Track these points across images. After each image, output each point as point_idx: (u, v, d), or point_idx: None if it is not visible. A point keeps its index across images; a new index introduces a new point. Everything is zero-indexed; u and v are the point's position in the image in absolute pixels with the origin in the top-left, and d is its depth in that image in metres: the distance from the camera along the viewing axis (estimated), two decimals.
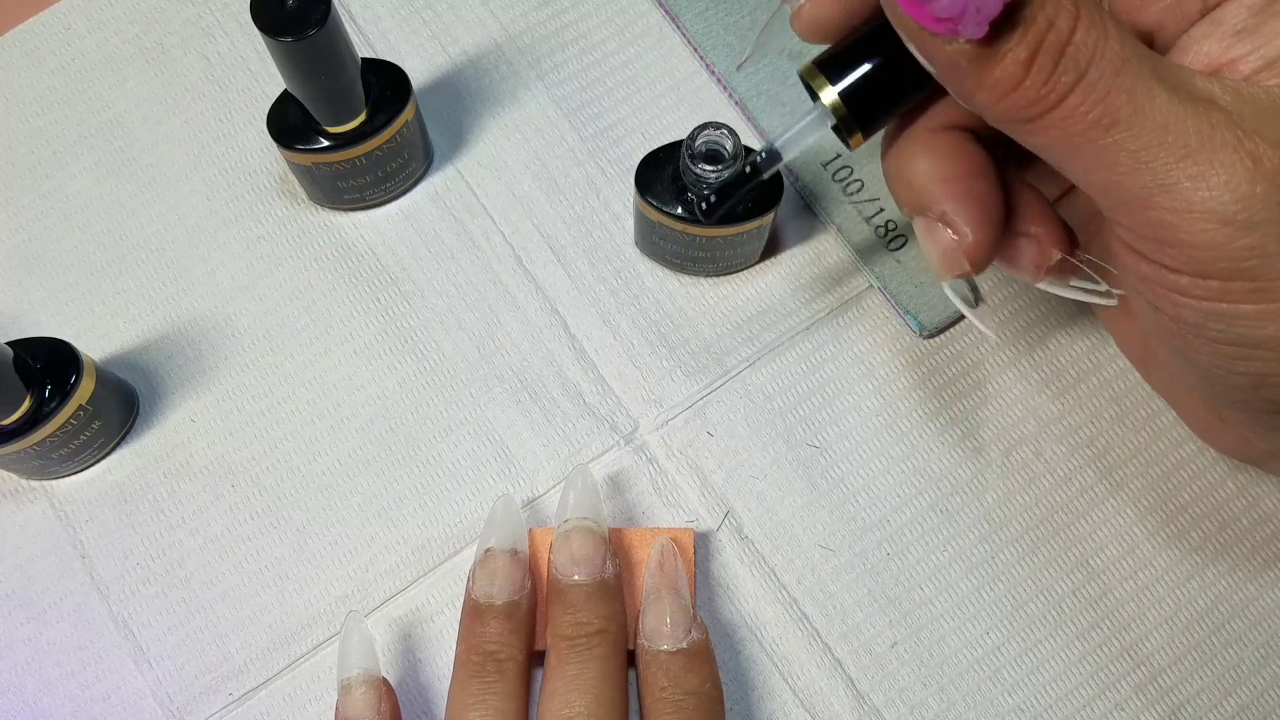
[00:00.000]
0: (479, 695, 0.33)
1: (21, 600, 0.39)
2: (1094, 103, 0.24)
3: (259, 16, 0.33)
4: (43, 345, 0.37)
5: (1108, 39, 0.24)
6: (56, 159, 0.44)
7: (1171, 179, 0.24)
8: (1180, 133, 0.24)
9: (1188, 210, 0.24)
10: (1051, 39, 0.24)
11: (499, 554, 0.35)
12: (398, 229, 0.43)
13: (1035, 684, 0.37)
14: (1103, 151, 0.25)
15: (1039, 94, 0.25)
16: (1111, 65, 0.24)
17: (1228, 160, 0.24)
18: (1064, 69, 0.24)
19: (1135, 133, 0.24)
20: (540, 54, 0.45)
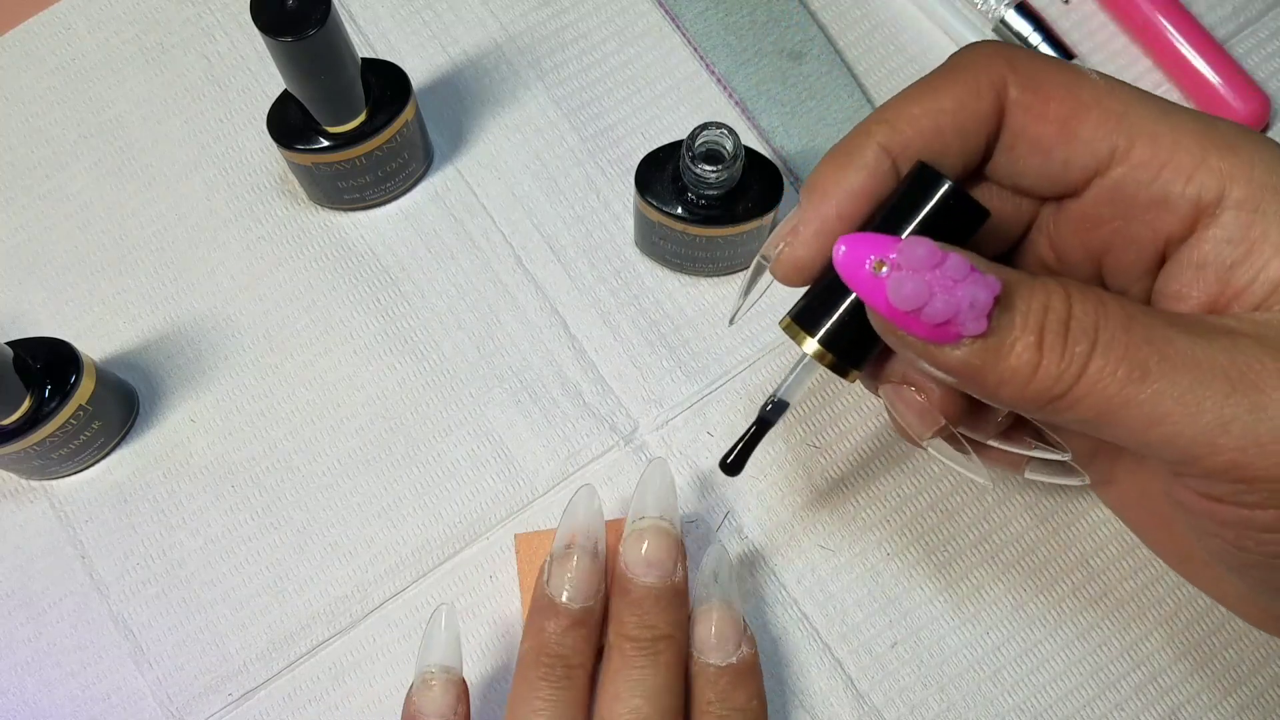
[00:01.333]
0: (548, 701, 0.33)
1: (21, 600, 0.39)
2: (1118, 361, 0.24)
3: (259, 16, 0.33)
4: (43, 345, 0.37)
5: (1105, 304, 0.24)
6: (56, 159, 0.44)
7: (1228, 416, 0.23)
8: (1216, 369, 0.23)
9: (1258, 445, 0.23)
10: (1052, 319, 0.24)
11: (580, 554, 0.34)
12: (398, 229, 0.43)
13: (1035, 684, 0.37)
14: (1146, 406, 0.24)
15: (1060, 371, 0.24)
16: (1120, 324, 0.24)
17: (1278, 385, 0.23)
18: (1075, 339, 0.24)
19: (1172, 379, 0.24)
20: (540, 54, 0.45)
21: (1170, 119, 0.26)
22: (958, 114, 0.27)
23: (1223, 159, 0.25)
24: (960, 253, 0.24)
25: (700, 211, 0.38)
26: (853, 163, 0.27)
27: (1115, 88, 0.27)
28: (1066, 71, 0.27)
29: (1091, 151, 0.26)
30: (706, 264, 0.41)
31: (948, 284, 0.24)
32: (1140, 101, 0.26)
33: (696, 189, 0.37)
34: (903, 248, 0.24)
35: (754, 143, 0.43)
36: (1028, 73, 0.27)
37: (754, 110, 0.43)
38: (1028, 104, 0.27)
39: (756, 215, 0.38)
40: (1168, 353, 0.24)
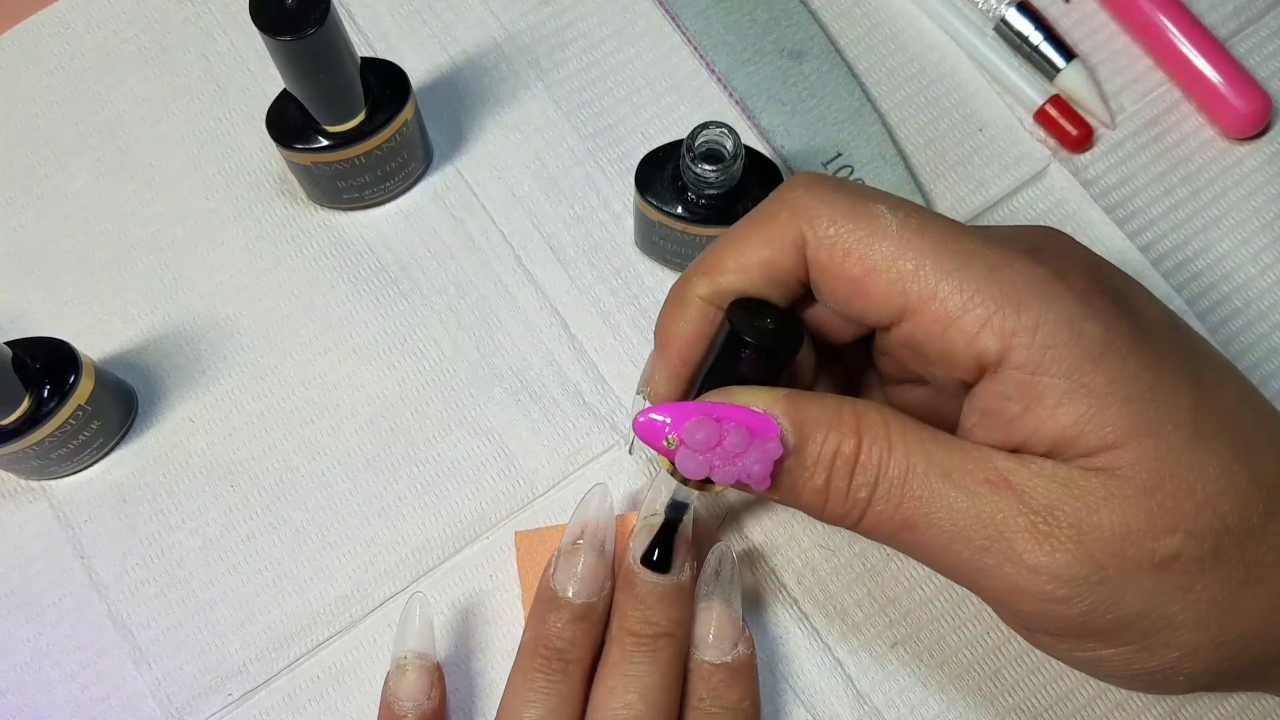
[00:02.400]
0: (541, 693, 0.33)
1: (21, 600, 0.38)
2: (892, 510, 0.27)
3: (258, 16, 0.33)
4: (41, 345, 0.37)
5: (891, 452, 0.27)
6: (55, 159, 0.43)
7: (984, 566, 0.27)
8: (975, 525, 0.26)
9: (1012, 592, 0.27)
10: (840, 464, 0.28)
11: (586, 550, 0.35)
12: (397, 229, 0.43)
13: (1035, 684, 0.37)
14: (916, 549, 0.28)
15: (845, 511, 0.28)
16: (898, 476, 0.27)
17: (1027, 545, 0.26)
18: (858, 486, 0.28)
19: (933, 534, 0.27)
20: (540, 53, 0.45)
21: (962, 275, 0.27)
22: (765, 268, 0.29)
23: (1008, 320, 0.26)
24: (756, 404, 0.28)
25: (700, 211, 0.38)
26: (682, 315, 0.31)
27: (911, 241, 0.27)
28: (864, 228, 0.28)
29: (884, 308, 0.28)
30: None
31: (728, 458, 0.28)
32: (935, 256, 0.27)
33: (696, 188, 0.37)
34: (686, 431, 0.28)
35: (754, 142, 0.43)
36: (824, 234, 0.28)
37: (754, 109, 0.43)
38: (823, 264, 0.28)
39: None
40: (933, 510, 0.27)
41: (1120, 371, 0.26)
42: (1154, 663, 0.27)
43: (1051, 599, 0.26)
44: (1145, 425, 0.26)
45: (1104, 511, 0.26)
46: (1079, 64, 0.43)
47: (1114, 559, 0.26)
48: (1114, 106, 0.44)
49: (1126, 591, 0.26)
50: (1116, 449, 0.26)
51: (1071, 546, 0.26)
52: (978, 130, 0.44)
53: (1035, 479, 0.26)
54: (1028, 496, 0.26)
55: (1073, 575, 0.26)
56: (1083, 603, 0.26)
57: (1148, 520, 0.25)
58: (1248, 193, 0.43)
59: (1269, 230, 0.42)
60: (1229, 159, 0.43)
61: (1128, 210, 0.43)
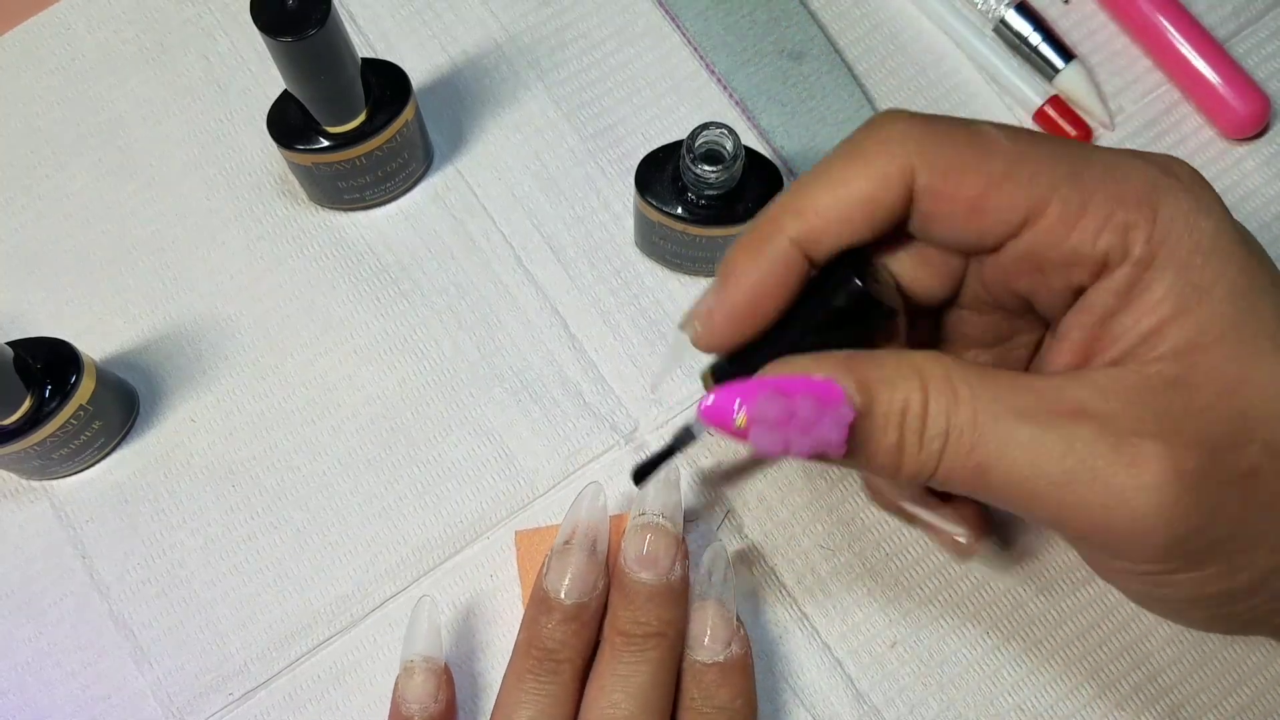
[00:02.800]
0: (533, 694, 0.33)
1: (22, 600, 0.39)
2: (965, 457, 0.27)
3: (259, 16, 0.33)
4: (43, 345, 0.37)
5: (958, 400, 0.27)
6: (56, 159, 0.43)
7: (1067, 500, 0.26)
8: (1054, 458, 0.26)
9: (1099, 522, 0.26)
10: (910, 420, 0.27)
11: (577, 550, 0.35)
12: (398, 229, 0.43)
13: (1035, 684, 0.37)
14: (995, 492, 0.27)
15: (920, 465, 0.27)
16: (968, 422, 0.27)
17: (1113, 469, 0.25)
18: (930, 439, 0.27)
19: (1011, 475, 0.26)
20: (540, 54, 0.45)
21: (1082, 178, 0.27)
22: (866, 205, 0.28)
23: (1129, 214, 0.26)
24: (815, 372, 0.27)
25: (700, 211, 0.38)
26: (765, 254, 0.28)
27: (1026, 152, 0.27)
28: (975, 146, 0.27)
29: (1004, 220, 0.27)
30: (706, 264, 0.41)
31: (801, 431, 0.27)
32: (1052, 160, 0.27)
33: (696, 189, 0.37)
34: (757, 408, 0.27)
35: (754, 143, 0.43)
36: (935, 156, 0.27)
37: (754, 110, 0.43)
38: (936, 189, 0.27)
39: (756, 215, 0.38)
40: (1006, 451, 0.26)
41: (1223, 271, 0.26)
42: (1233, 584, 0.27)
43: (1142, 523, 0.25)
44: (1235, 327, 0.26)
45: (1185, 423, 0.25)
46: (1078, 65, 0.43)
47: (1200, 476, 0.25)
48: (1113, 107, 0.44)
49: (1216, 510, 0.25)
50: (1201, 351, 0.26)
51: (1156, 466, 0.25)
52: None
53: (1112, 401, 0.26)
54: (1106, 420, 0.26)
55: (1162, 497, 0.25)
56: (1173, 527, 0.25)
57: (1226, 429, 0.25)
58: (1247, 193, 0.43)
59: (1268, 230, 0.42)
60: (1228, 159, 0.43)
61: None
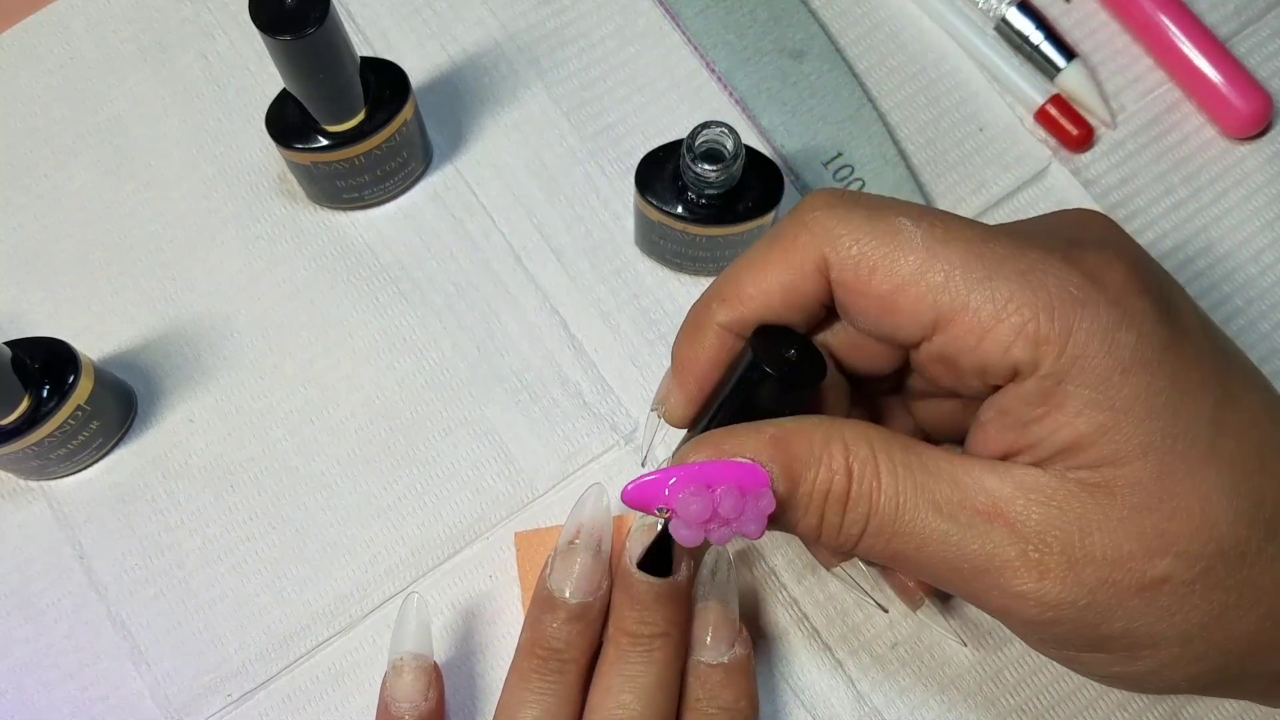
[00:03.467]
0: (537, 693, 0.33)
1: (20, 601, 0.38)
2: (883, 544, 0.28)
3: (258, 15, 0.33)
4: (41, 345, 0.37)
5: (881, 488, 0.27)
6: (55, 158, 0.43)
7: (975, 591, 0.27)
8: (965, 556, 0.27)
9: (1002, 612, 0.27)
10: (831, 502, 0.28)
11: (582, 550, 0.35)
12: (397, 228, 0.43)
13: (1037, 684, 0.37)
14: (910, 574, 0.29)
15: (838, 544, 0.28)
16: (889, 513, 0.27)
17: (1018, 574, 0.26)
18: (849, 523, 0.28)
19: (925, 564, 0.27)
20: (540, 53, 0.45)
21: (994, 283, 0.26)
22: (786, 293, 0.29)
23: (1041, 326, 0.26)
24: (743, 448, 0.28)
25: (700, 211, 0.38)
26: (700, 340, 0.30)
27: (938, 251, 0.27)
28: (886, 243, 0.27)
29: (915, 323, 0.27)
30: (707, 264, 0.41)
31: (721, 525, 0.27)
32: (964, 264, 0.26)
33: (697, 188, 0.37)
34: (679, 505, 0.27)
35: (754, 142, 0.43)
36: (846, 252, 0.28)
37: (754, 109, 0.43)
38: (849, 283, 0.28)
39: (757, 215, 0.38)
40: (923, 544, 0.27)
41: (1146, 386, 0.25)
42: (1133, 669, 0.27)
43: (1039, 621, 0.27)
44: (1158, 442, 0.25)
45: (1096, 535, 0.26)
46: (1079, 64, 0.43)
47: (1103, 584, 0.26)
48: (1114, 106, 0.44)
49: (1113, 614, 0.26)
50: (1123, 465, 0.25)
51: (1062, 573, 0.26)
52: (978, 130, 0.44)
53: (1029, 505, 0.26)
54: (1019, 524, 0.26)
55: (1060, 601, 0.26)
56: (1068, 624, 0.27)
57: (1140, 543, 0.25)
58: (1248, 193, 0.43)
59: (1270, 230, 0.42)
60: (1230, 159, 0.43)
61: (1128, 210, 0.43)
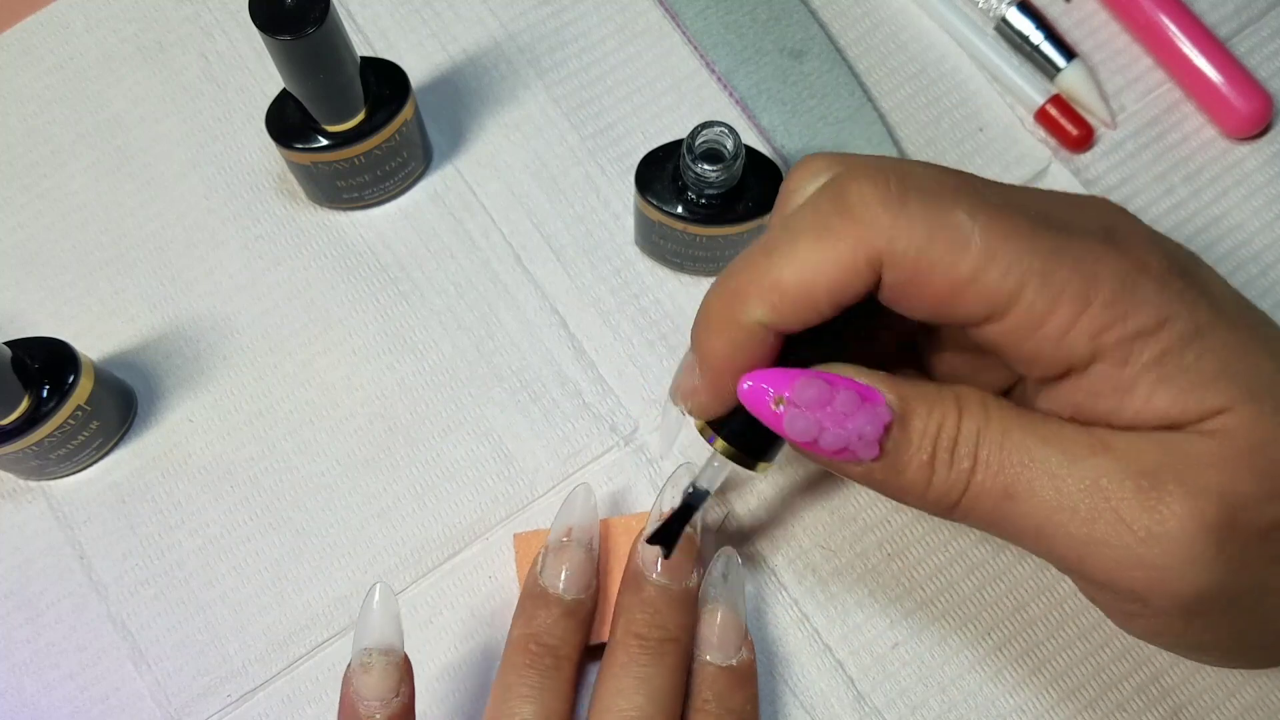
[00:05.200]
0: (535, 688, 0.33)
1: (20, 601, 0.38)
2: (993, 478, 0.27)
3: (257, 15, 0.33)
4: (40, 345, 0.37)
5: (989, 421, 0.27)
6: (54, 158, 0.43)
7: (1090, 537, 0.26)
8: (1079, 491, 0.26)
9: (1121, 566, 0.26)
10: (943, 437, 0.27)
11: (575, 547, 0.35)
12: (397, 228, 0.43)
13: (1037, 685, 0.37)
14: (1018, 523, 0.27)
15: (949, 486, 0.27)
16: (997, 443, 0.27)
17: (1137, 511, 0.25)
18: (960, 457, 0.27)
19: (1036, 503, 0.26)
20: (540, 53, 0.45)
21: (1048, 275, 0.26)
22: (833, 291, 0.27)
23: (1097, 316, 0.26)
24: (857, 378, 0.27)
25: (700, 211, 0.37)
26: (735, 339, 0.28)
27: (995, 249, 0.26)
28: (944, 242, 0.26)
29: (969, 316, 0.27)
30: (707, 263, 0.41)
31: (838, 420, 0.27)
32: (1020, 258, 0.26)
33: (697, 188, 0.37)
34: (796, 388, 0.27)
35: (754, 141, 0.43)
36: (903, 252, 0.26)
37: (754, 109, 0.43)
38: (904, 284, 0.27)
39: (757, 215, 0.38)
40: (1036, 476, 0.26)
41: (1208, 349, 0.26)
42: (1246, 629, 0.27)
43: (1165, 570, 0.25)
44: (1241, 393, 0.25)
45: (1212, 473, 0.25)
46: (1080, 63, 0.43)
47: (1227, 528, 0.25)
48: (1115, 106, 0.44)
49: (1241, 564, 0.25)
50: (1221, 414, 0.25)
51: (1182, 511, 0.25)
52: (978, 130, 0.44)
53: (1140, 442, 0.26)
54: (1133, 459, 0.25)
55: (1187, 545, 0.25)
56: (1198, 578, 0.25)
57: (1255, 483, 0.25)
58: (1249, 192, 0.43)
59: (1270, 230, 0.42)
60: (1230, 159, 0.43)
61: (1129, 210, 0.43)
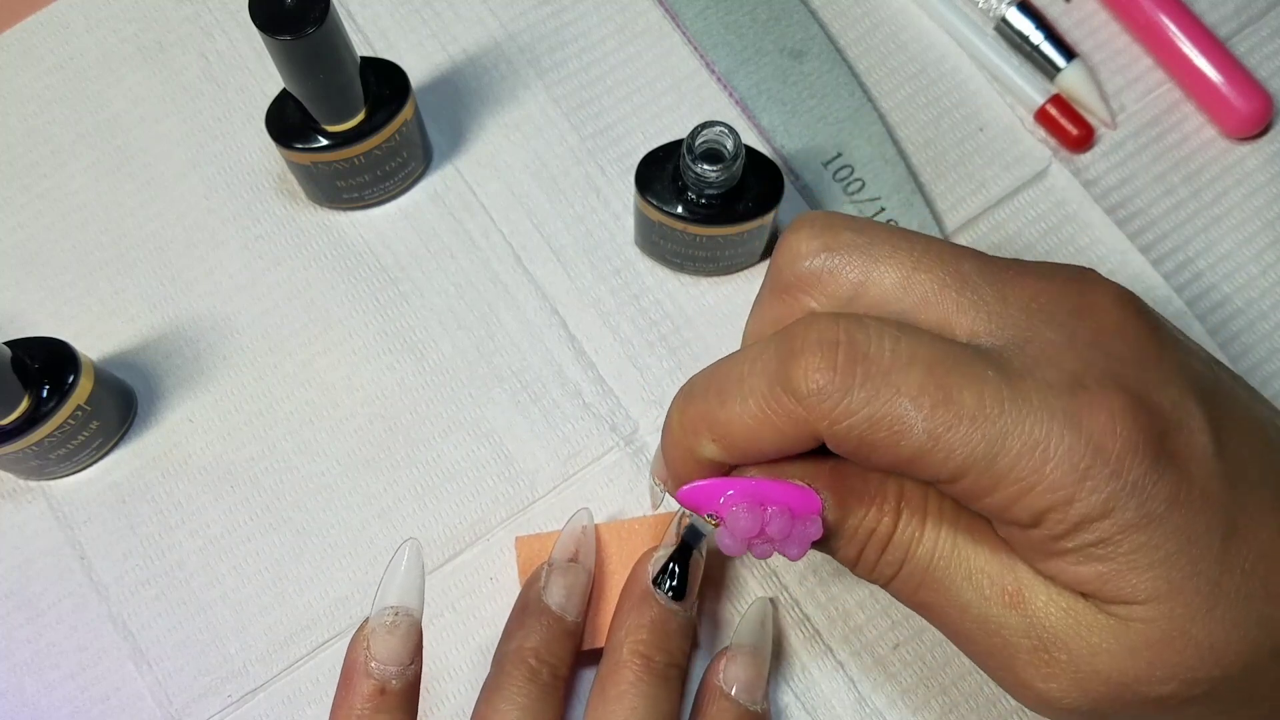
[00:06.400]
0: (534, 701, 0.32)
1: (20, 601, 0.38)
2: (910, 593, 0.29)
3: (257, 15, 0.33)
4: (40, 345, 0.37)
5: (922, 537, 0.28)
6: (54, 158, 0.43)
7: (987, 668, 0.28)
8: (981, 631, 0.27)
9: (1007, 690, 0.28)
10: (874, 541, 0.28)
11: (580, 570, 0.35)
12: (397, 228, 0.43)
13: None
14: (933, 624, 0.29)
15: (873, 576, 0.29)
16: (923, 563, 0.28)
17: (1026, 667, 0.27)
18: (885, 564, 0.28)
19: (944, 623, 0.28)
20: (540, 53, 0.45)
21: (998, 460, 0.25)
22: (778, 449, 0.28)
23: (1041, 498, 0.25)
24: (797, 480, 0.28)
25: (700, 211, 0.37)
26: (689, 459, 0.29)
27: (941, 439, 0.25)
28: (886, 429, 0.26)
29: (915, 477, 0.27)
30: (707, 263, 0.41)
31: (765, 543, 0.28)
32: (967, 444, 0.25)
33: (697, 188, 0.37)
34: (730, 517, 0.27)
35: (754, 141, 0.43)
36: (844, 437, 0.26)
37: (754, 109, 0.43)
38: (849, 455, 0.27)
39: (757, 215, 0.38)
40: (948, 604, 0.28)
41: (1149, 543, 0.25)
42: None
43: (1041, 709, 0.27)
44: (1165, 589, 0.25)
45: (1104, 657, 0.26)
46: (1079, 64, 0.43)
47: (1106, 699, 0.26)
48: (1115, 106, 0.44)
49: (1115, 717, 0.27)
50: (1133, 605, 0.26)
51: (1068, 682, 0.26)
52: (978, 130, 0.44)
53: (1051, 606, 0.26)
54: (1037, 622, 0.26)
55: (1065, 703, 0.27)
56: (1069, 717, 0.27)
57: (1148, 670, 0.26)
58: (1249, 192, 0.43)
59: (1270, 230, 0.42)
60: (1230, 158, 0.43)
61: (1129, 210, 0.43)
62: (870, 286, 0.28)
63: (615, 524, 0.37)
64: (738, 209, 0.38)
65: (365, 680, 0.30)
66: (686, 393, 0.29)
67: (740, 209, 0.38)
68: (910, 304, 0.27)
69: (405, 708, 0.30)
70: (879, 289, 0.28)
